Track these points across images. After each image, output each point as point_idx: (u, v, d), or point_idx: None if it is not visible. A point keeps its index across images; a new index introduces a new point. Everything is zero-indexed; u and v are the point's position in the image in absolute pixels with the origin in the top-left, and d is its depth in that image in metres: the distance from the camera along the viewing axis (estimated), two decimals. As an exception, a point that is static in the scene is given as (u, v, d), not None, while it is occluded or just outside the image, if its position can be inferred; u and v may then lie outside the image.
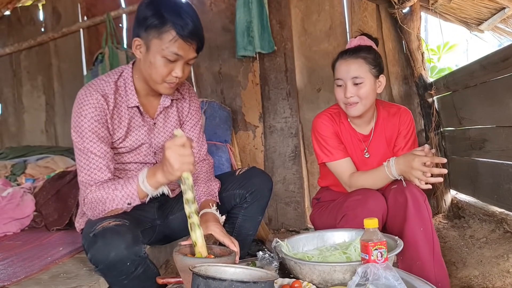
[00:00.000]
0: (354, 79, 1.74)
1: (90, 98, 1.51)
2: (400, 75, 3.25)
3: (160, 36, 1.45)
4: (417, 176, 1.56)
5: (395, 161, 1.66)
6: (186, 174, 1.32)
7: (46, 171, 3.02)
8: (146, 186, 1.41)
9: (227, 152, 3.08)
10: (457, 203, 2.97)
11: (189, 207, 1.32)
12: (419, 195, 1.62)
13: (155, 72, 1.50)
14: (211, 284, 1.00)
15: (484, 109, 2.43)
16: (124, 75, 1.61)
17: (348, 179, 1.83)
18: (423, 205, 1.60)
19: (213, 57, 3.43)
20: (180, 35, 1.45)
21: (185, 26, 1.45)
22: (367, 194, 1.67)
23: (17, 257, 1.76)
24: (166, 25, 1.44)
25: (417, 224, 1.58)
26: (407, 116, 1.89)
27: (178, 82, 1.55)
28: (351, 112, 1.80)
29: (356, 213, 1.62)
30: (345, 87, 1.76)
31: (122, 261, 1.34)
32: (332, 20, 3.33)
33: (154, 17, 1.45)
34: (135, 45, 1.53)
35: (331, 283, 1.28)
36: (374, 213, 1.60)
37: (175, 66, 1.50)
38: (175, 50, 1.46)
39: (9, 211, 2.30)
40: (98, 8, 3.67)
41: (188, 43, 1.47)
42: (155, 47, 1.47)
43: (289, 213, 3.35)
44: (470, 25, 2.81)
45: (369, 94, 1.76)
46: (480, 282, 1.90)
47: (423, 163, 1.54)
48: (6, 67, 3.93)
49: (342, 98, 1.79)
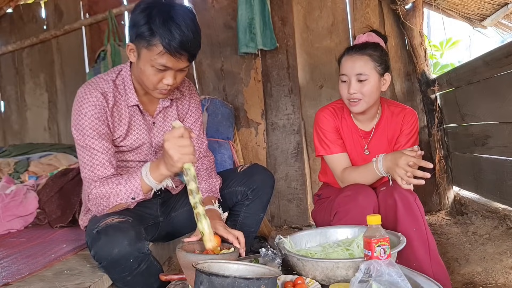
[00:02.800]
0: (359, 75, 1.73)
1: (90, 96, 1.51)
2: (403, 71, 3.25)
3: (148, 47, 1.42)
4: (400, 174, 1.56)
5: (384, 157, 1.66)
6: (187, 165, 1.32)
7: (49, 168, 3.02)
8: (150, 179, 1.41)
9: (229, 149, 3.08)
10: (460, 200, 2.96)
11: (193, 197, 1.31)
12: (408, 195, 1.60)
13: (146, 79, 1.49)
14: (214, 281, 1.00)
15: (487, 105, 2.42)
16: (122, 74, 1.60)
17: (340, 174, 1.84)
18: (413, 204, 1.59)
19: (215, 54, 3.43)
20: (167, 50, 1.40)
21: (172, 40, 1.39)
22: (357, 190, 1.67)
23: (21, 254, 1.76)
24: (154, 38, 1.40)
25: (409, 224, 1.57)
26: (412, 116, 1.87)
27: (171, 88, 1.53)
28: (353, 109, 1.80)
29: (347, 209, 1.63)
30: (349, 83, 1.76)
31: (125, 258, 1.35)
32: (334, 16, 3.32)
33: (144, 27, 1.41)
34: (129, 49, 1.51)
35: (334, 279, 1.28)
36: (365, 209, 1.61)
37: (165, 74, 1.47)
38: (163, 62, 1.43)
39: (12, 208, 2.30)
40: (100, 6, 3.67)
41: (175, 57, 1.43)
42: (145, 57, 1.45)
43: (292, 210, 3.36)
44: (473, 21, 2.80)
45: (372, 92, 1.75)
46: (483, 279, 1.90)
47: (408, 163, 1.54)
48: (9, 65, 3.94)
49: (345, 94, 1.78)
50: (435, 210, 3.14)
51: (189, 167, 1.32)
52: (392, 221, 1.60)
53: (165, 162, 1.36)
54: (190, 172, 1.32)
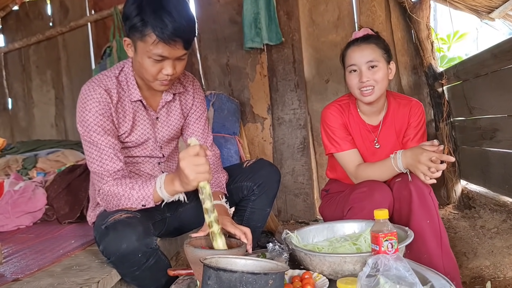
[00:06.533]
0: (370, 62, 1.73)
1: (94, 93, 1.52)
2: (409, 65, 3.22)
3: (142, 39, 1.42)
4: (423, 171, 1.55)
5: (402, 154, 1.64)
6: (202, 183, 1.30)
7: (56, 164, 3.05)
8: (163, 192, 1.42)
9: (235, 144, 3.08)
10: (468, 194, 2.94)
11: (208, 216, 1.29)
12: (423, 187, 1.60)
13: (145, 72, 1.49)
14: (222, 276, 1.01)
15: (495, 98, 2.40)
16: (125, 70, 1.61)
17: (354, 171, 1.82)
18: (428, 197, 1.58)
19: (221, 49, 3.43)
20: (160, 38, 1.39)
21: (164, 28, 1.38)
22: (373, 186, 1.66)
23: (30, 249, 1.78)
24: (146, 28, 1.39)
25: (423, 216, 1.57)
26: (419, 108, 1.86)
27: (172, 78, 1.52)
28: (366, 99, 1.76)
29: (363, 205, 1.62)
30: (360, 72, 1.74)
31: (134, 253, 1.36)
32: (340, 10, 3.30)
33: (136, 18, 1.40)
34: (126, 44, 1.51)
35: (342, 274, 1.28)
36: (380, 205, 1.58)
37: (164, 64, 1.46)
38: (159, 52, 1.42)
39: (21, 204, 2.33)
40: (105, 2, 3.68)
41: (170, 44, 1.41)
42: (140, 49, 1.45)
43: (298, 204, 3.36)
44: (481, 13, 2.77)
45: (383, 79, 1.75)
46: (491, 273, 1.89)
47: (430, 158, 1.53)
48: (16, 62, 3.96)
49: (356, 83, 1.76)
50: (443, 204, 3.12)
51: (204, 185, 1.30)
52: (406, 212, 1.60)
53: (180, 179, 1.35)
54: (205, 191, 1.30)
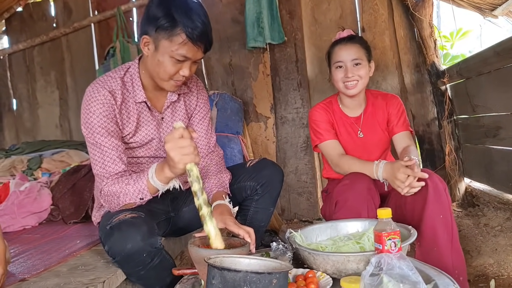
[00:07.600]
0: (355, 60, 1.92)
1: (98, 94, 1.53)
2: (412, 63, 3.21)
3: (170, 38, 1.45)
4: (398, 185, 1.66)
5: (384, 166, 1.75)
6: (189, 165, 1.30)
7: (61, 165, 3.06)
8: (156, 181, 1.42)
9: (239, 144, 3.09)
10: (471, 191, 2.94)
11: (197, 198, 1.29)
12: (439, 183, 1.65)
13: (163, 70, 1.51)
14: (226, 275, 1.01)
15: (498, 96, 2.40)
16: (130, 71, 1.62)
17: (337, 159, 1.94)
18: (443, 193, 1.63)
19: (224, 49, 3.43)
20: (190, 38, 1.44)
21: (195, 28, 1.44)
22: (354, 179, 1.75)
23: (36, 250, 1.80)
24: (176, 28, 1.44)
25: (437, 211, 1.60)
26: (395, 99, 2.05)
27: (184, 80, 1.56)
28: (350, 91, 1.93)
29: (346, 197, 1.70)
30: (345, 68, 1.93)
31: (139, 253, 1.37)
32: (342, 9, 3.30)
33: (165, 18, 1.44)
34: (143, 42, 1.53)
35: (345, 273, 1.28)
36: (362, 194, 1.68)
37: (183, 65, 1.51)
38: (183, 52, 1.47)
39: (27, 205, 2.34)
40: (108, 3, 3.69)
41: (197, 46, 1.47)
42: (164, 48, 1.47)
43: (302, 203, 3.36)
44: (484, 10, 2.76)
45: (366, 75, 1.95)
46: (495, 271, 1.89)
47: (406, 175, 1.63)
48: (20, 63, 3.98)
49: (342, 78, 1.93)
50: (446, 202, 3.12)
51: (191, 167, 1.30)
52: (420, 205, 1.64)
53: (168, 164, 1.36)
54: (192, 173, 1.30)
